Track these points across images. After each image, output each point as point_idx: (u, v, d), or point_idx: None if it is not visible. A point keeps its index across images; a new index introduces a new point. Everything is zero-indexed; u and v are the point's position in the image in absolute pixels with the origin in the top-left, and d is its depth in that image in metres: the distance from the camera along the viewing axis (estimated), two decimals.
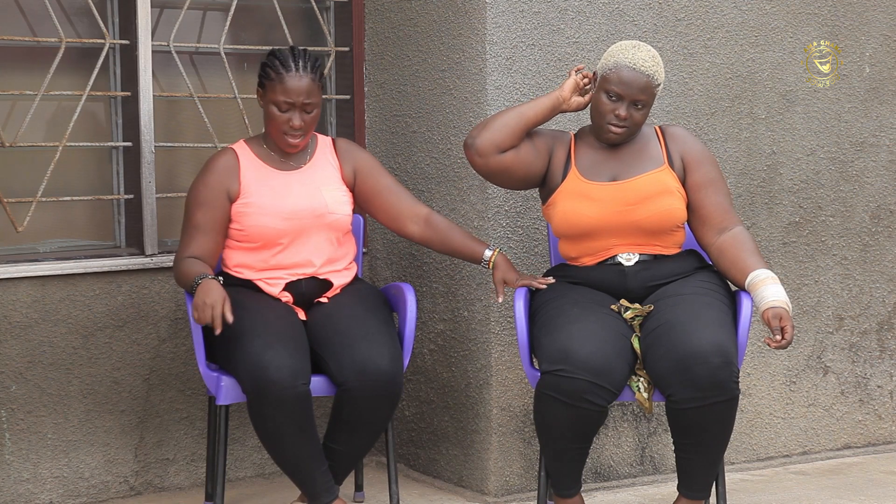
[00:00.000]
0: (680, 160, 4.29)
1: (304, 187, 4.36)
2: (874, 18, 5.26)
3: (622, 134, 4.22)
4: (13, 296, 4.54)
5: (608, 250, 4.24)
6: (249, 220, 4.31)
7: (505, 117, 4.25)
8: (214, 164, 4.34)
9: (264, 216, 4.30)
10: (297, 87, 4.25)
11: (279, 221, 4.30)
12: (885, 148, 5.31)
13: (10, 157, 4.68)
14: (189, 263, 4.25)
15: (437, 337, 4.88)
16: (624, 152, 4.29)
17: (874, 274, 5.33)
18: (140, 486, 4.77)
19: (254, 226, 4.30)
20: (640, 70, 4.17)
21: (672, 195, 4.23)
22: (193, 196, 4.33)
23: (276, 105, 4.27)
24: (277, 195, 4.33)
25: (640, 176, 4.24)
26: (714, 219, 4.25)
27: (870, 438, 5.38)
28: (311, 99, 4.27)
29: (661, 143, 4.31)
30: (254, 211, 4.31)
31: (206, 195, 4.30)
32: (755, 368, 5.13)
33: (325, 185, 4.39)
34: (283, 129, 4.28)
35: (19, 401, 4.57)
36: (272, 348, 4.06)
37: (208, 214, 4.30)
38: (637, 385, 4.10)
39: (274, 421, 4.05)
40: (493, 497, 4.71)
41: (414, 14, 4.89)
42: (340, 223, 4.39)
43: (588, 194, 4.23)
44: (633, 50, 4.19)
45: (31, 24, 4.69)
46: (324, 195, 4.36)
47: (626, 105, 4.19)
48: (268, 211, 4.30)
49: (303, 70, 4.26)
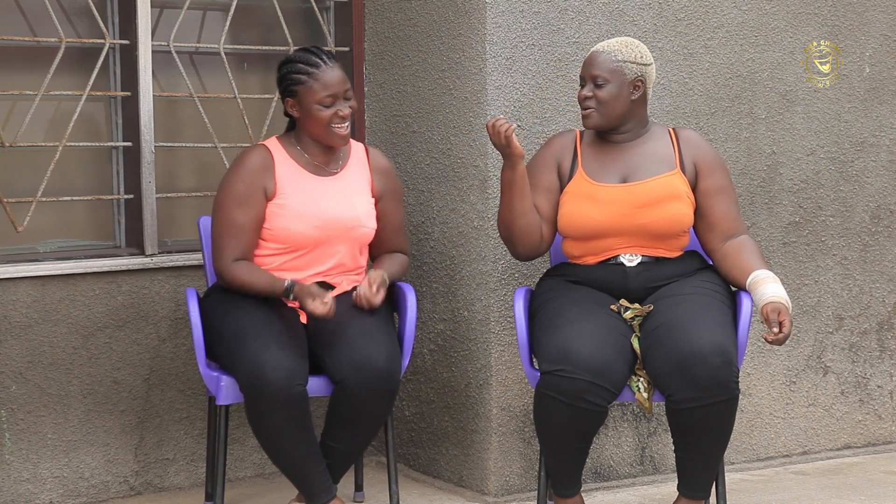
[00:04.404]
0: (692, 165, 4.28)
1: (338, 194, 4.31)
2: (874, 18, 5.26)
3: (591, 115, 4.21)
4: (13, 296, 4.54)
5: (612, 250, 4.24)
6: (281, 221, 4.25)
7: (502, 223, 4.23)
8: (249, 161, 4.26)
9: (297, 221, 4.25)
10: (334, 78, 4.22)
11: (310, 229, 4.25)
12: (885, 148, 5.31)
13: (10, 157, 4.68)
14: (248, 271, 4.21)
15: (437, 337, 4.88)
16: (634, 152, 4.28)
17: (874, 274, 5.33)
18: (140, 486, 4.78)
19: (284, 228, 4.25)
20: (597, 50, 4.22)
21: (681, 200, 4.22)
22: (232, 195, 4.23)
23: (319, 104, 4.22)
24: (312, 200, 4.27)
25: (651, 179, 4.23)
26: (722, 226, 4.25)
27: (870, 438, 5.38)
28: (348, 85, 4.27)
29: (674, 145, 4.30)
30: (287, 213, 4.25)
31: (244, 192, 4.23)
32: (755, 368, 5.13)
33: (357, 195, 4.35)
34: (333, 122, 4.23)
35: (19, 401, 4.57)
36: (270, 349, 4.06)
37: (249, 214, 4.23)
38: (637, 385, 4.10)
39: (270, 421, 4.05)
40: (493, 497, 4.71)
41: (414, 14, 4.89)
42: (367, 236, 4.36)
43: (595, 196, 4.22)
44: (603, 41, 4.24)
45: (31, 24, 4.69)
46: (356, 205, 4.32)
47: (588, 84, 4.21)
48: (301, 216, 4.25)
49: (330, 61, 4.26)
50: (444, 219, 4.82)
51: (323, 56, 4.26)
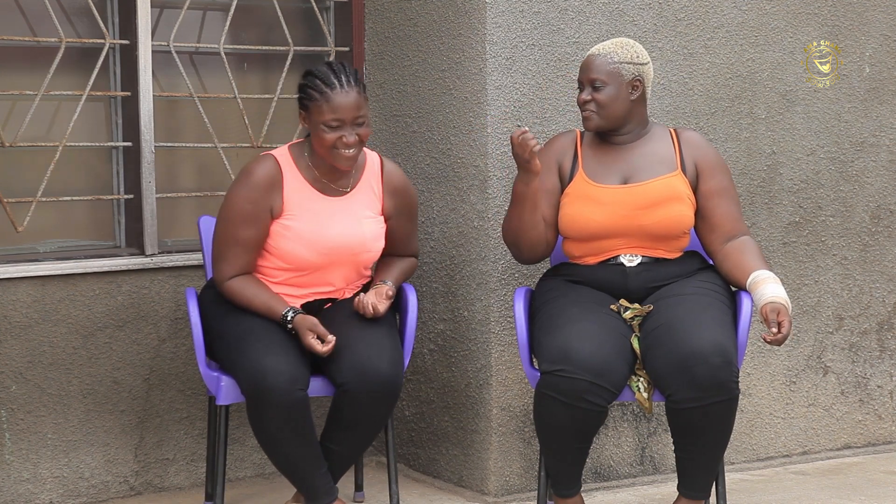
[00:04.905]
0: (693, 166, 4.27)
1: (346, 218, 4.23)
2: (874, 18, 5.26)
3: (591, 118, 4.21)
4: (13, 296, 4.54)
5: (612, 251, 4.24)
6: (286, 244, 4.19)
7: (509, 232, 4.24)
8: (257, 176, 4.16)
9: (301, 246, 4.19)
10: (345, 103, 4.08)
11: (314, 255, 4.20)
12: (885, 148, 5.31)
13: (10, 157, 4.68)
14: (246, 287, 4.18)
15: (437, 337, 4.88)
16: (635, 153, 4.28)
17: (874, 274, 5.33)
18: (140, 486, 4.77)
19: (288, 252, 4.20)
20: (596, 53, 4.22)
21: (682, 202, 4.22)
22: (238, 210, 4.16)
23: (325, 125, 4.09)
24: (319, 224, 4.20)
25: (652, 180, 4.22)
26: (723, 227, 4.25)
27: (870, 438, 5.38)
28: (361, 112, 4.11)
29: (675, 146, 4.29)
30: (292, 236, 4.19)
31: (251, 211, 4.15)
32: (755, 368, 5.13)
33: (365, 217, 4.27)
34: (337, 145, 4.11)
35: (19, 401, 4.57)
36: (271, 354, 4.05)
37: (252, 231, 4.17)
38: (637, 385, 4.10)
39: (272, 425, 4.05)
40: (493, 497, 4.71)
41: (414, 14, 4.89)
42: (373, 259, 4.33)
43: (596, 198, 4.21)
44: (599, 44, 4.24)
45: (31, 24, 4.69)
46: (363, 228, 4.25)
47: (587, 88, 4.21)
48: (306, 241, 4.18)
49: (347, 84, 4.10)
50: (444, 219, 4.82)
51: (343, 76, 4.11)
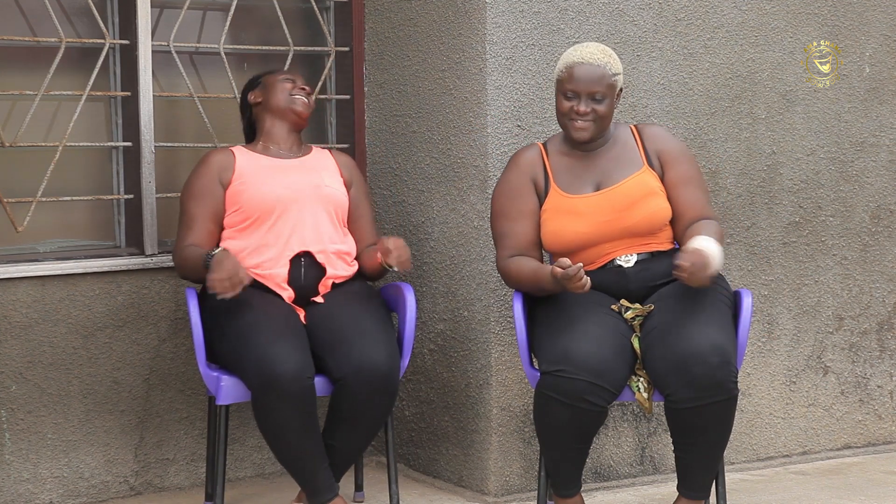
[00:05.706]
0: (657, 158, 4.28)
1: (302, 168, 4.49)
2: (874, 18, 5.26)
3: (589, 128, 4.18)
4: (13, 296, 4.54)
5: (606, 256, 4.23)
6: (246, 194, 4.39)
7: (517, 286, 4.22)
8: (209, 158, 4.48)
9: (262, 186, 4.39)
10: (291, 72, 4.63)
11: (277, 188, 4.38)
12: (885, 148, 5.31)
13: (10, 157, 4.68)
14: (190, 250, 4.32)
15: (437, 337, 4.88)
16: (602, 158, 4.27)
17: (874, 274, 5.33)
18: (140, 486, 4.78)
19: (251, 198, 4.38)
20: (589, 62, 4.16)
21: (657, 196, 4.22)
22: (188, 189, 4.44)
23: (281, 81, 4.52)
24: (275, 172, 4.44)
25: (623, 181, 4.22)
26: (688, 215, 4.23)
27: (870, 438, 5.38)
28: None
29: (637, 143, 4.30)
30: (250, 183, 4.40)
31: (200, 186, 4.41)
32: (755, 368, 5.13)
33: (324, 171, 4.52)
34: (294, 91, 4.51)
35: (19, 401, 4.57)
36: (277, 343, 4.09)
37: (201, 204, 4.39)
38: (637, 385, 4.10)
39: (279, 415, 4.06)
40: (493, 497, 4.71)
41: (414, 14, 4.89)
42: (337, 197, 4.47)
43: (574, 209, 4.21)
44: (580, 48, 4.19)
45: (31, 24, 4.69)
46: (322, 175, 4.49)
47: (584, 100, 4.17)
48: (265, 182, 4.40)
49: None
50: (444, 219, 4.82)
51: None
